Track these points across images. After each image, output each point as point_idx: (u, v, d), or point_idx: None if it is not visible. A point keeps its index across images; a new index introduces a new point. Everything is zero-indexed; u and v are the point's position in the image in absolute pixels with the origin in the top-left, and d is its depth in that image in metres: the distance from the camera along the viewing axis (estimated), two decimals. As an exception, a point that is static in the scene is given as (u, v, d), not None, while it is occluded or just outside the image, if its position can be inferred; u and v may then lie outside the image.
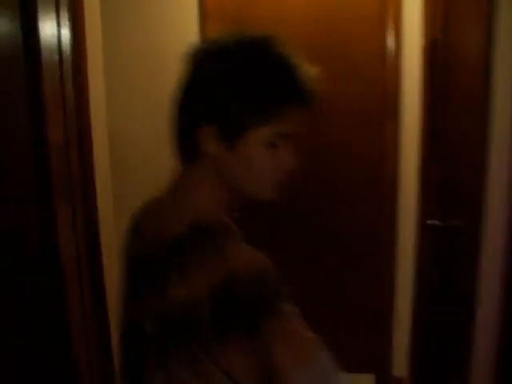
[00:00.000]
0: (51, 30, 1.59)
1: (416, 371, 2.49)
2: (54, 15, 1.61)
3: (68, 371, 1.47)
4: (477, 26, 1.62)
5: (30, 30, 1.52)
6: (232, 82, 0.86)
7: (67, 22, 1.66)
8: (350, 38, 2.53)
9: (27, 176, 1.49)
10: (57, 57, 1.59)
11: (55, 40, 1.60)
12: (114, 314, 1.65)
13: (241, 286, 0.80)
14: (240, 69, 0.86)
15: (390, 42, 2.47)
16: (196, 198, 0.91)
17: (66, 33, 1.65)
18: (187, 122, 0.90)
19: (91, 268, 1.55)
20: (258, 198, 0.93)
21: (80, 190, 1.58)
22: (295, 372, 0.78)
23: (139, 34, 2.45)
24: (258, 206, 1.03)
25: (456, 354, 1.84)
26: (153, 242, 0.90)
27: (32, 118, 1.51)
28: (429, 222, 2.18)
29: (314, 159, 2.58)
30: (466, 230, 1.77)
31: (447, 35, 2.10)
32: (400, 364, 2.66)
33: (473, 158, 1.65)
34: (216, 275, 0.80)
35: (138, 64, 2.46)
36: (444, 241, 2.11)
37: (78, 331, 1.48)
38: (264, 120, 0.85)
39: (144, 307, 0.90)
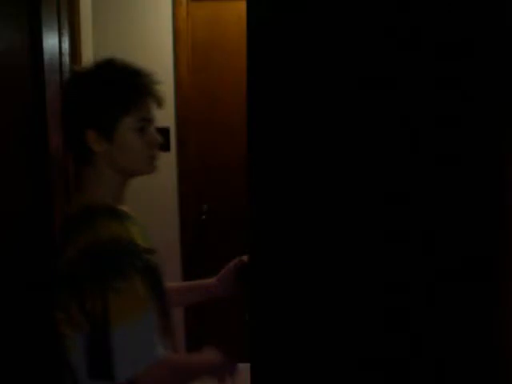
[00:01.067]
0: (53, 42, 1.75)
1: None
2: (56, 28, 1.78)
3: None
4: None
5: (35, 42, 1.69)
6: (93, 93, 1.17)
7: (67, 36, 1.83)
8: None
9: (27, 177, 1.64)
10: (58, 67, 1.75)
11: (57, 52, 1.77)
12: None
13: (99, 249, 1.08)
14: (97, 83, 1.18)
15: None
16: (89, 188, 1.21)
17: (66, 45, 1.81)
18: (74, 133, 1.20)
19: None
20: (144, 173, 1.24)
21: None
22: (116, 324, 1.04)
23: (123, 52, 2.67)
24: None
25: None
26: (62, 222, 1.24)
27: (34, 124, 1.67)
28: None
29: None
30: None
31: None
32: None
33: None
34: (85, 240, 1.09)
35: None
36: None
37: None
38: (125, 112, 1.16)
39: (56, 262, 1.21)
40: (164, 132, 2.83)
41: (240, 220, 2.97)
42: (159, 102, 1.23)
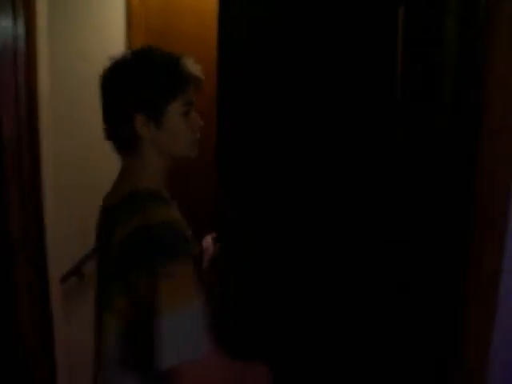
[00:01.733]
0: (7, 27, 1.69)
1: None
2: (10, 12, 1.71)
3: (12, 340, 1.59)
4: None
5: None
6: (142, 78, 1.17)
7: (22, 21, 1.76)
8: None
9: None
10: (12, 52, 1.69)
11: (10, 37, 1.70)
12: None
13: (150, 232, 1.05)
14: (145, 69, 1.19)
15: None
16: (134, 175, 1.21)
17: (20, 30, 1.74)
18: (121, 118, 1.20)
19: (36, 247, 1.71)
20: (188, 156, 1.26)
21: (30, 181, 1.71)
22: (167, 310, 0.99)
23: (74, 43, 2.62)
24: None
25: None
26: (105, 209, 1.25)
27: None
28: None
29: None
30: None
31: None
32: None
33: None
34: (135, 224, 1.07)
35: (74, 69, 2.62)
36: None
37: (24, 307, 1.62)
38: (172, 97, 1.19)
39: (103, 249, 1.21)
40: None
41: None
42: (200, 86, 1.26)
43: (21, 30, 1.76)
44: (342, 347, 1.28)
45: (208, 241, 1.52)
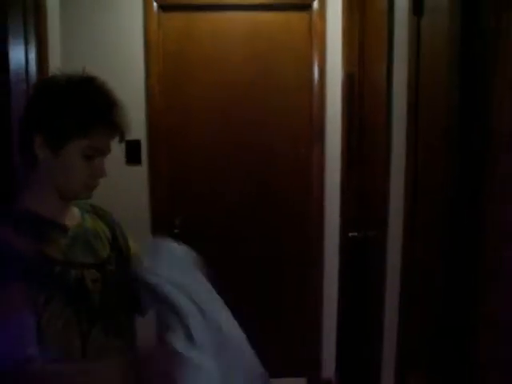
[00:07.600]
0: (20, 52, 1.72)
1: (342, 372, 2.80)
2: (22, 39, 1.74)
3: None
4: (380, 64, 1.97)
5: (1, 53, 1.66)
6: (58, 104, 1.14)
7: (34, 46, 1.79)
8: (280, 72, 2.87)
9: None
10: (24, 76, 1.72)
11: (23, 62, 1.73)
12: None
13: None
14: (65, 96, 1.15)
15: (316, 75, 2.81)
16: (23, 195, 1.20)
17: (32, 55, 1.77)
18: (25, 133, 1.17)
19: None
20: (71, 197, 1.23)
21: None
22: None
23: (93, 62, 2.65)
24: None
25: (369, 354, 2.13)
26: None
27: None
28: (350, 234, 2.52)
29: (250, 179, 2.93)
30: (376, 239, 2.06)
31: (361, 70, 2.51)
32: (328, 367, 2.94)
33: (380, 176, 1.98)
34: None
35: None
36: (362, 251, 2.40)
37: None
38: (81, 135, 1.14)
39: None
40: (135, 144, 2.78)
41: (213, 233, 2.94)
42: (121, 138, 1.21)
43: (33, 56, 1.79)
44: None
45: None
